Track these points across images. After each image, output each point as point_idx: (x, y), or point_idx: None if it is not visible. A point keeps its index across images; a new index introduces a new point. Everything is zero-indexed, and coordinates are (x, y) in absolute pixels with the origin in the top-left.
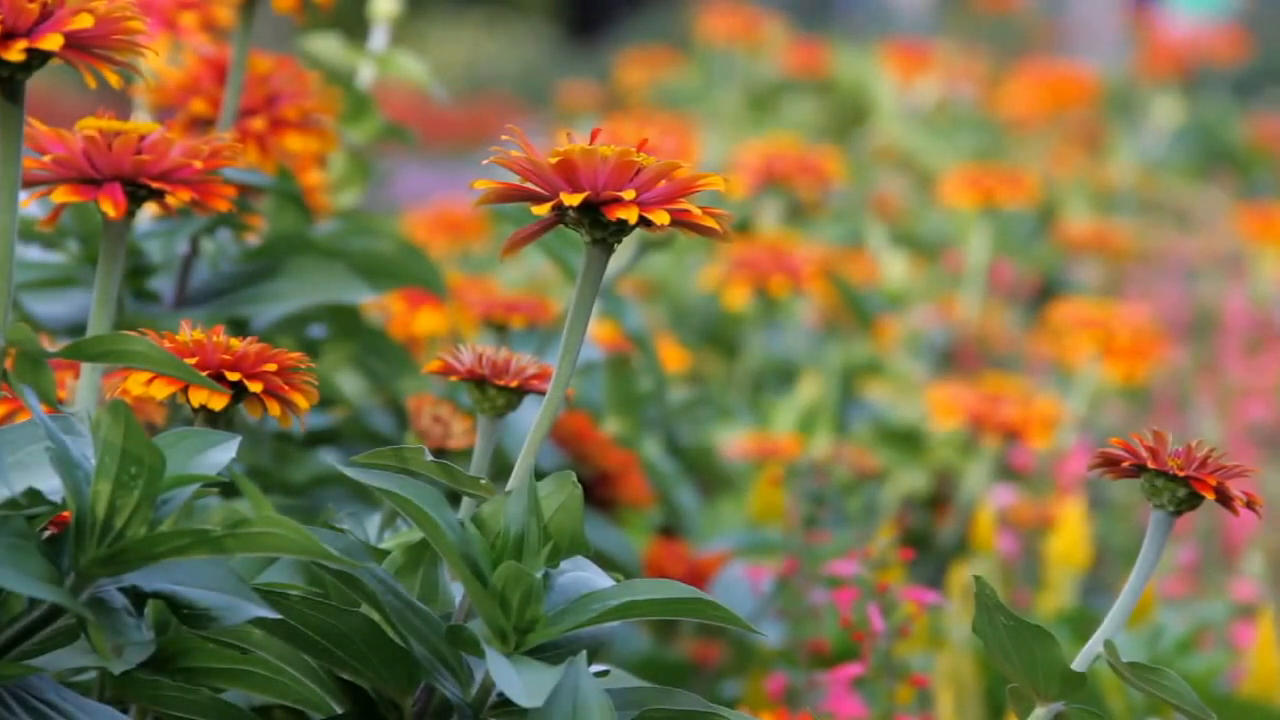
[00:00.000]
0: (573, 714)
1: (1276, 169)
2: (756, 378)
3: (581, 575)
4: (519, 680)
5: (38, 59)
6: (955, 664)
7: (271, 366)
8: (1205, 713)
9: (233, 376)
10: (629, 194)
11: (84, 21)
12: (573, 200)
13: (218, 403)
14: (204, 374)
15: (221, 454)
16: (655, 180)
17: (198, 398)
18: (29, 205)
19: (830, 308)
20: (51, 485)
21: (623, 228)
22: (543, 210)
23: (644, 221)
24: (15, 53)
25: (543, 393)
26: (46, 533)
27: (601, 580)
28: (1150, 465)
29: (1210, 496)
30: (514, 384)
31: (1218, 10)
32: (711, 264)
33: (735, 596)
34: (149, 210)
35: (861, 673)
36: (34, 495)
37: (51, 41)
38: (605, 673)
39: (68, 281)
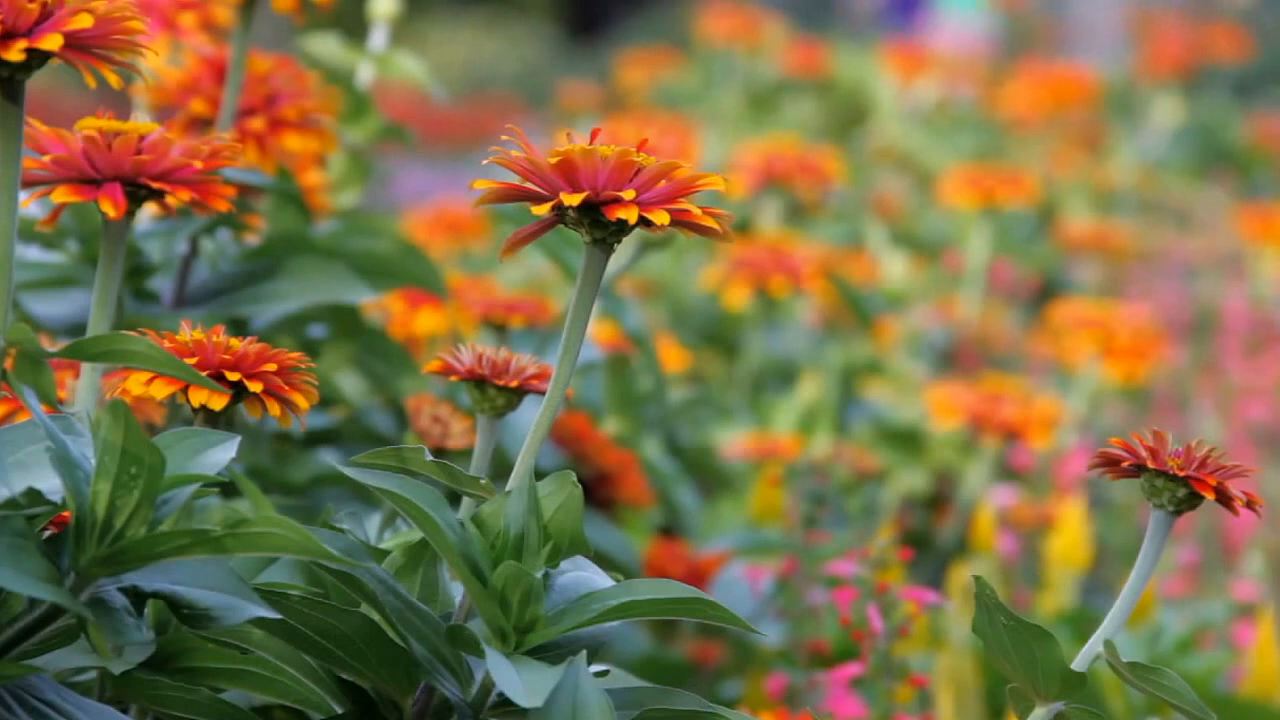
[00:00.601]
0: (572, 714)
1: (1276, 169)
2: (756, 378)
3: (581, 575)
4: (519, 680)
5: (38, 59)
6: (955, 664)
7: (271, 366)
8: (1205, 713)
9: (233, 376)
10: (629, 194)
11: (84, 21)
12: (573, 200)
13: (218, 403)
14: (204, 374)
15: (221, 454)
16: (655, 180)
17: (198, 398)
18: (29, 205)
19: (830, 308)
20: (51, 485)
21: (623, 228)
22: (542, 210)
23: (644, 221)
24: (15, 53)
25: (542, 393)
26: (46, 533)
27: (601, 580)
28: (1150, 465)
29: (1210, 496)
30: (514, 384)
31: (979, 11)
32: (711, 264)
33: (735, 596)
34: (149, 210)
35: (861, 673)
36: (34, 495)
37: (51, 41)
38: (605, 673)
39: (68, 281)
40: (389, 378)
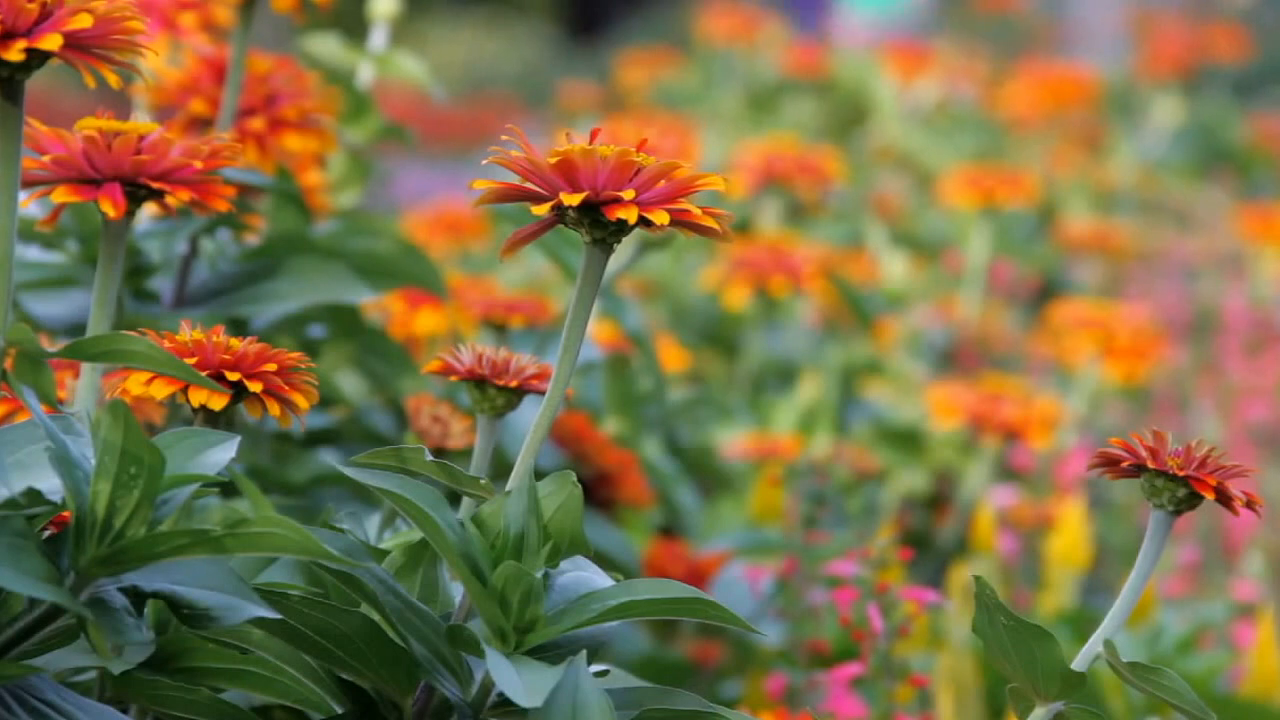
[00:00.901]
0: (572, 714)
1: (1276, 169)
2: (756, 378)
3: (581, 575)
4: (519, 680)
5: (37, 59)
6: (955, 664)
7: (271, 366)
8: (1205, 713)
9: (233, 376)
10: (628, 194)
11: (83, 21)
12: (572, 200)
13: (218, 403)
14: (204, 374)
15: (221, 454)
16: (655, 180)
17: (198, 398)
18: (29, 205)
19: (830, 308)
20: (51, 485)
21: (622, 228)
22: (542, 210)
23: (644, 221)
24: (15, 53)
25: (542, 393)
26: (46, 533)
27: (601, 580)
28: (1150, 465)
29: (1210, 496)
30: (514, 384)
31: (892, 9)
32: (711, 264)
33: (735, 596)
34: (149, 210)
35: (861, 673)
36: (34, 495)
37: (51, 41)
38: (605, 673)
39: (68, 281)
40: (389, 378)
